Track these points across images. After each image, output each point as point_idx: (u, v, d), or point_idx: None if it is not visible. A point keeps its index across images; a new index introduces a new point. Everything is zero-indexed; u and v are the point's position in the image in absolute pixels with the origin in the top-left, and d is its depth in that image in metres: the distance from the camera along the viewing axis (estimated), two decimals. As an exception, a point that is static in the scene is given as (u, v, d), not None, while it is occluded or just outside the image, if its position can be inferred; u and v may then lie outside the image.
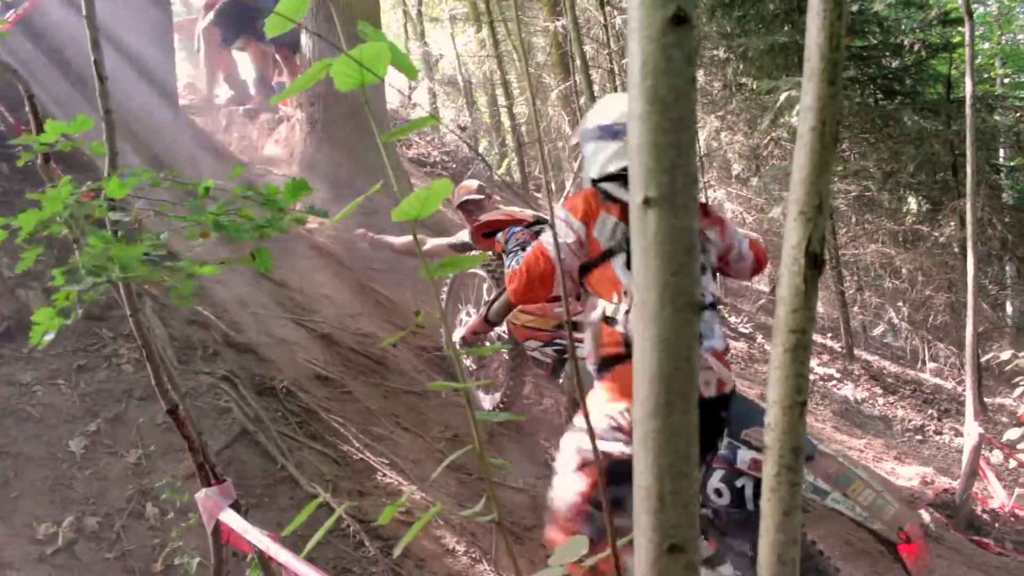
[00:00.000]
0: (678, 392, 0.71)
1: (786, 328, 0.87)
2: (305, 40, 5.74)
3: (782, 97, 7.20)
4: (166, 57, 4.93)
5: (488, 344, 3.42)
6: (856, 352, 8.19)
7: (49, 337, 1.35)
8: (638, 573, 0.76)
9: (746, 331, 7.66)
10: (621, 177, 2.86)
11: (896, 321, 9.40)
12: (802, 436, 0.89)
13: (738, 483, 2.88)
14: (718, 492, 2.92)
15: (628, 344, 2.61)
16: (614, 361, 2.73)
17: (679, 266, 0.70)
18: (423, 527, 2.97)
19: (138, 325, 1.74)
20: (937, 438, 6.50)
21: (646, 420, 0.72)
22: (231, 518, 2.00)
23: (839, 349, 8.10)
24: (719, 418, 2.76)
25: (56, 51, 4.32)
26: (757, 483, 2.90)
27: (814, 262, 0.86)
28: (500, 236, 3.24)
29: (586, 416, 1.12)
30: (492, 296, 3.29)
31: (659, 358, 0.71)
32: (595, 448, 1.12)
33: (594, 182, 2.91)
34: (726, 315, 7.92)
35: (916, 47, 8.26)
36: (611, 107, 2.99)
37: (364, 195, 1.39)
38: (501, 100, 11.00)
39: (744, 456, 2.88)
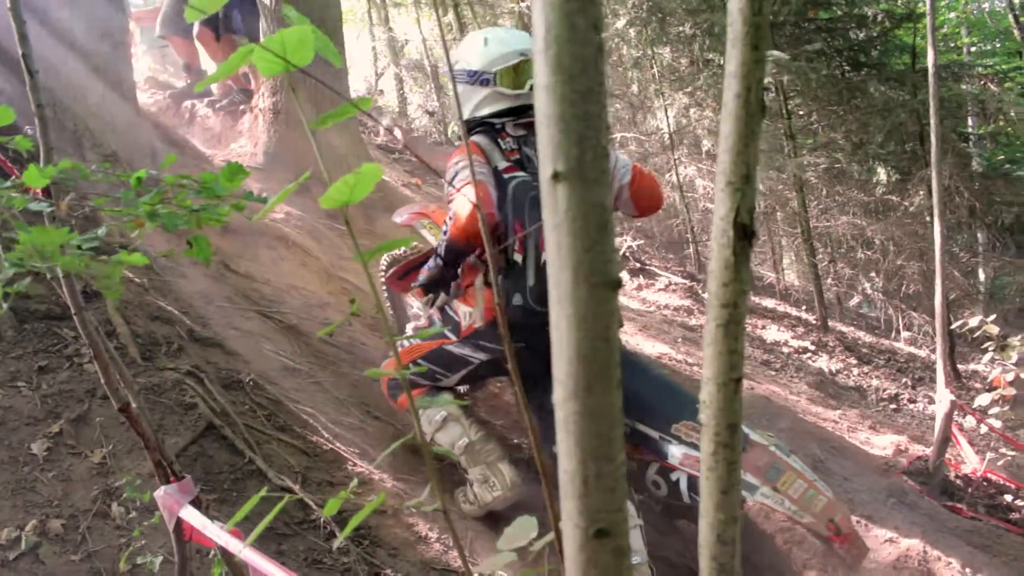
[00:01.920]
0: (597, 372, 0.69)
1: (718, 302, 0.85)
2: (263, 27, 5.65)
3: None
4: (121, 52, 4.84)
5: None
6: (830, 323, 8.23)
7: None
8: (566, 558, 0.75)
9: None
10: (488, 124, 3.00)
11: (869, 291, 9.45)
12: (738, 413, 0.88)
13: (673, 477, 2.95)
14: (656, 484, 3.01)
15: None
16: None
17: (592, 243, 0.67)
18: (395, 515, 2.95)
19: (83, 322, 1.71)
20: (911, 406, 6.55)
21: (566, 402, 0.70)
22: (191, 515, 1.97)
23: (813, 321, 8.14)
24: None
25: (3, 48, 4.25)
26: (691, 477, 2.94)
27: (743, 233, 0.84)
28: (421, 277, 3.24)
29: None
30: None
31: (576, 338, 0.68)
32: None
33: (468, 127, 3.06)
34: (699, 291, 7.93)
35: (880, 18, 8.26)
36: (476, 52, 3.10)
37: (295, 183, 1.35)
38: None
39: (676, 452, 2.92)
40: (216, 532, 1.89)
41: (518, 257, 2.92)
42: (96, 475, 2.79)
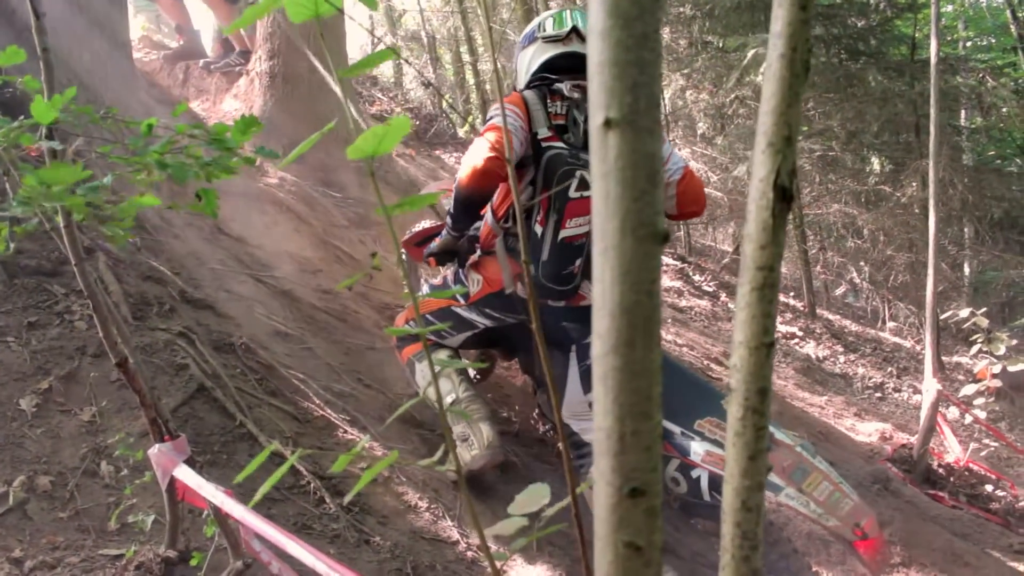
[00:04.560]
0: (640, 327, 0.67)
1: (753, 265, 0.84)
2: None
3: (749, 55, 7.16)
4: (119, 7, 4.76)
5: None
6: (818, 311, 8.26)
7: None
8: (597, 518, 0.73)
9: (710, 289, 7.69)
10: (543, 81, 2.98)
11: (857, 281, 9.48)
12: (768, 377, 0.86)
13: (693, 474, 2.93)
14: (675, 481, 2.99)
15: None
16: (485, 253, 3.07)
17: (641, 193, 0.65)
18: (385, 484, 2.94)
19: (83, 274, 1.68)
20: (896, 395, 6.59)
21: (606, 357, 0.68)
22: (185, 474, 1.95)
23: (801, 308, 8.16)
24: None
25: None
26: (712, 475, 2.92)
27: (783, 195, 0.83)
28: (432, 245, 3.21)
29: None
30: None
31: (620, 291, 0.67)
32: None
33: (528, 83, 3.05)
34: (690, 273, 7.94)
35: (882, 7, 8.24)
36: (534, 21, 3.16)
37: (318, 133, 1.33)
38: (466, 57, 10.86)
39: (698, 448, 2.91)
40: (211, 492, 1.88)
41: (538, 229, 2.89)
42: (85, 433, 2.76)
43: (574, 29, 2.99)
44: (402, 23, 10.79)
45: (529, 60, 3.08)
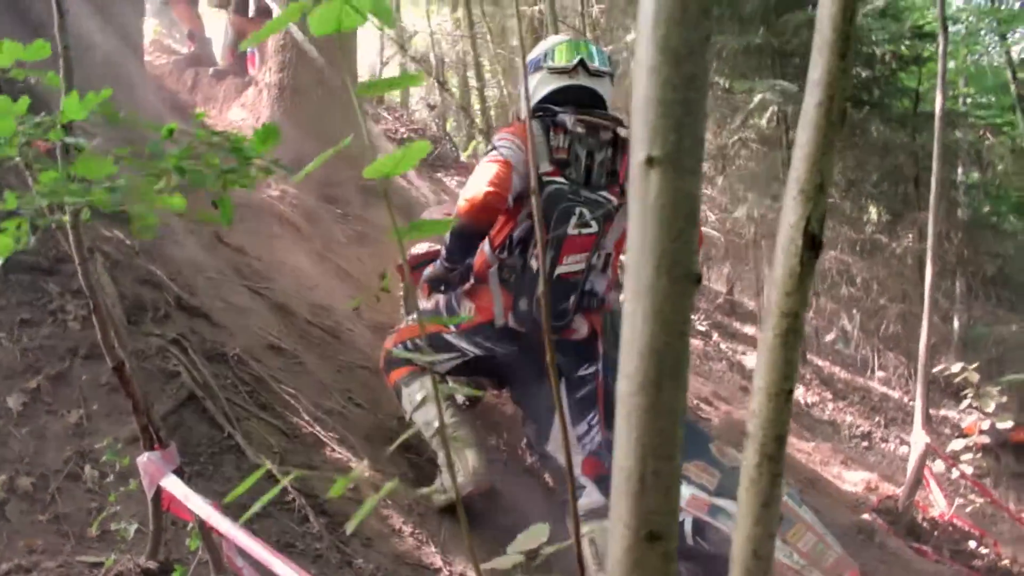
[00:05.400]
0: (668, 369, 0.67)
1: (779, 311, 0.83)
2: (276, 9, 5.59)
3: (756, 99, 7.21)
4: (134, 10, 4.77)
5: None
6: (808, 356, 8.27)
7: (-1, 261, 1.27)
8: (612, 560, 0.72)
9: (703, 328, 7.70)
10: (546, 112, 2.97)
11: (848, 328, 9.50)
12: (786, 425, 0.86)
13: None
14: None
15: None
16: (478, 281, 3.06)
17: (679, 233, 0.65)
18: (372, 506, 2.91)
19: (86, 275, 1.66)
20: (883, 445, 6.59)
21: (632, 396, 0.67)
22: (173, 484, 1.93)
23: (792, 352, 8.15)
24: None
25: None
26: (696, 520, 2.90)
27: (812, 243, 0.83)
28: (427, 272, 3.20)
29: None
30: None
31: (651, 331, 0.66)
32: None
33: (533, 112, 3.03)
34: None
35: (887, 58, 8.32)
36: (540, 45, 3.13)
37: (334, 148, 1.32)
38: (472, 82, 10.90)
39: (683, 492, 2.89)
40: (199, 504, 1.85)
41: (534, 264, 2.88)
42: (71, 435, 2.73)
43: (581, 62, 2.98)
44: (412, 44, 10.85)
45: (534, 88, 3.04)
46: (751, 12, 8.29)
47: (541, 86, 3.02)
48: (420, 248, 3.94)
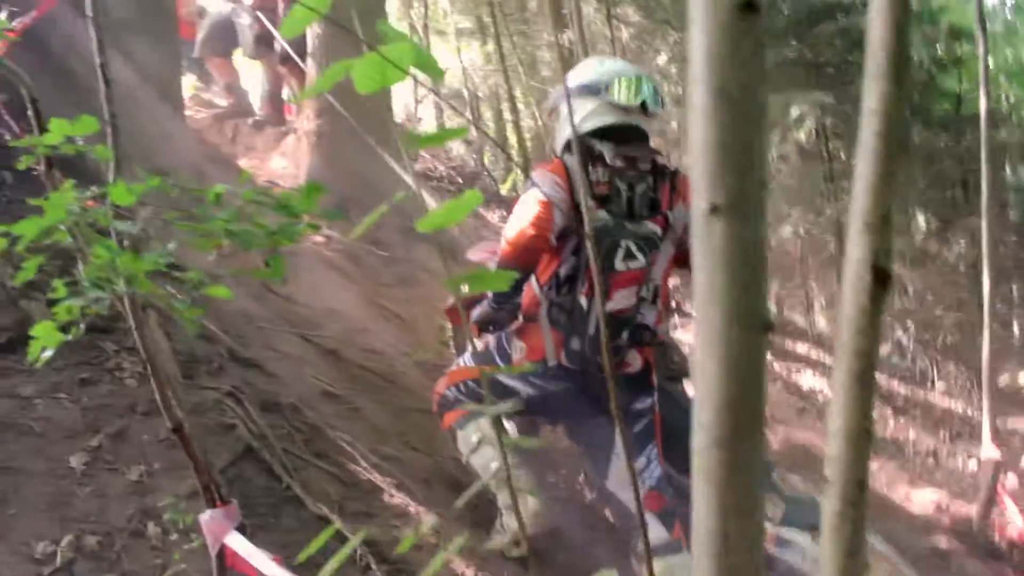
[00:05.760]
0: (746, 421, 0.64)
1: (851, 350, 0.80)
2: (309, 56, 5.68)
3: (794, 113, 7.15)
4: (173, 64, 4.87)
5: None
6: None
7: (47, 354, 1.28)
8: (696, 622, 0.69)
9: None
10: (593, 137, 2.91)
11: (904, 341, 9.30)
12: (867, 468, 0.82)
13: None
14: None
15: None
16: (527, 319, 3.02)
17: (748, 281, 0.63)
18: (430, 550, 2.89)
19: (143, 339, 1.68)
20: (950, 462, 6.41)
21: (709, 450, 0.65)
22: (236, 541, 1.93)
23: (848, 368, 7.98)
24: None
25: (60, 62, 4.27)
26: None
27: (881, 277, 0.80)
28: (474, 313, 3.17)
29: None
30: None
31: (725, 383, 0.64)
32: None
33: (567, 144, 2.97)
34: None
35: (926, 63, 8.21)
36: (591, 69, 3.04)
37: (387, 204, 1.32)
38: (507, 115, 10.96)
39: None
40: (264, 562, 1.84)
41: (584, 301, 2.85)
42: (133, 493, 2.75)
43: (643, 103, 2.91)
44: (444, 81, 10.96)
45: (585, 115, 2.94)
46: (783, 25, 8.25)
47: (594, 116, 2.93)
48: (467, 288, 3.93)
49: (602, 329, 2.56)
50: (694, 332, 0.66)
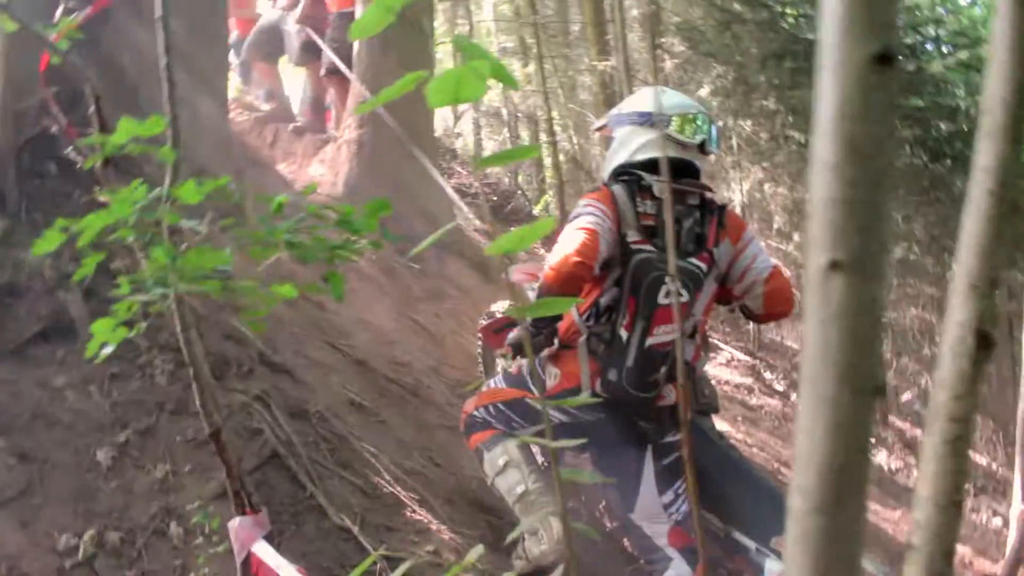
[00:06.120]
0: (851, 488, 0.62)
1: (946, 416, 0.77)
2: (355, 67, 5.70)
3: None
4: (221, 65, 4.90)
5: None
6: (889, 418, 8.00)
7: (107, 350, 1.27)
8: None
9: (780, 388, 7.51)
10: (634, 176, 2.87)
11: (930, 389, 9.17)
12: (956, 538, 0.79)
13: None
14: None
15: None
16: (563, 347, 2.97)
17: (864, 343, 0.60)
18: (449, 570, 2.86)
19: (188, 343, 1.67)
20: (974, 516, 6.29)
21: (810, 516, 0.62)
22: (264, 550, 1.91)
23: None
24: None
25: (112, 58, 4.30)
26: None
27: (984, 342, 0.77)
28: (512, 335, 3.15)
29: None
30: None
31: (832, 447, 0.61)
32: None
33: (618, 171, 2.93)
34: (760, 370, 7.76)
35: (971, 112, 8.13)
36: (651, 97, 3.01)
37: (437, 233, 1.29)
38: (544, 136, 10.97)
39: (773, 567, 2.77)
40: (291, 573, 1.82)
41: (624, 334, 2.81)
42: (157, 491, 2.74)
43: (703, 142, 2.89)
44: (485, 99, 11.00)
45: (641, 144, 2.93)
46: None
47: (649, 147, 2.91)
48: (500, 306, 3.91)
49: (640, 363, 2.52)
50: (800, 391, 0.63)
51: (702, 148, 2.90)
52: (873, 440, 7.10)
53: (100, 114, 1.64)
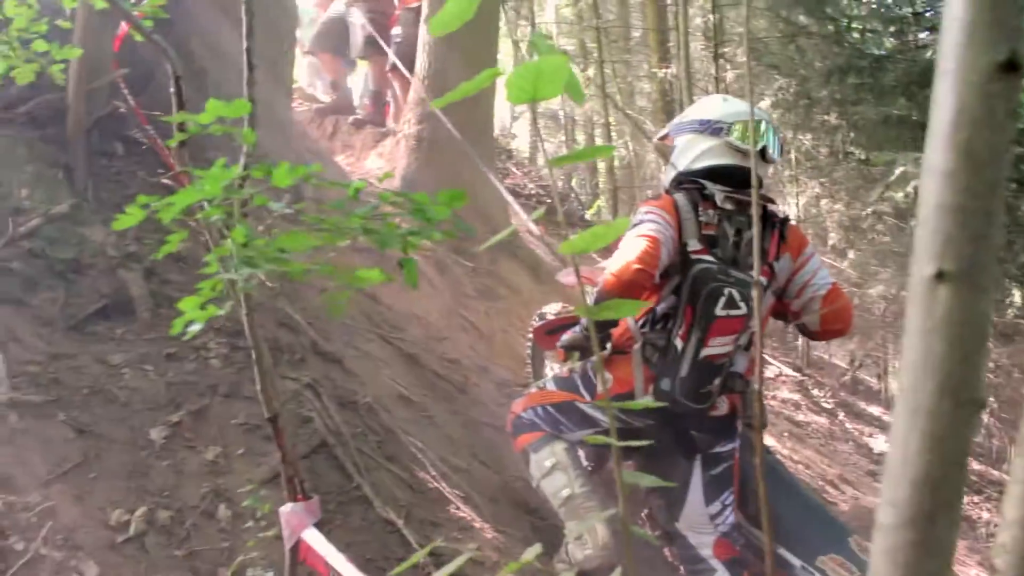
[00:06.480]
0: (945, 502, 0.60)
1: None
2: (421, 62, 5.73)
3: (897, 171, 6.97)
4: (288, 56, 4.97)
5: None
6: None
7: (195, 328, 1.30)
8: None
9: (828, 406, 7.40)
10: (697, 185, 2.85)
11: (984, 417, 8.98)
12: (1041, 564, 0.77)
13: None
14: None
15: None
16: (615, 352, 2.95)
17: (968, 355, 0.59)
18: (492, 569, 2.85)
19: (252, 327, 1.69)
20: (1022, 547, 6.13)
21: (900, 529, 0.61)
22: (313, 537, 1.92)
23: (922, 438, 7.74)
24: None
25: (180, 41, 4.37)
26: None
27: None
28: (565, 337, 3.14)
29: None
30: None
31: (929, 459, 0.59)
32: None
33: (678, 180, 2.90)
34: (808, 387, 7.66)
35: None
36: (714, 106, 2.99)
37: (508, 230, 1.30)
38: (599, 141, 10.95)
39: None
40: (340, 561, 1.84)
41: (679, 343, 2.78)
42: (208, 472, 2.78)
43: (763, 148, 2.86)
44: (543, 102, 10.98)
45: (702, 151, 2.91)
46: (892, 82, 8.06)
47: (710, 155, 2.90)
48: (552, 308, 3.90)
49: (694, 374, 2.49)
50: (897, 402, 0.62)
51: (764, 156, 2.86)
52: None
53: (180, 93, 1.66)
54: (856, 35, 8.73)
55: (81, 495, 2.57)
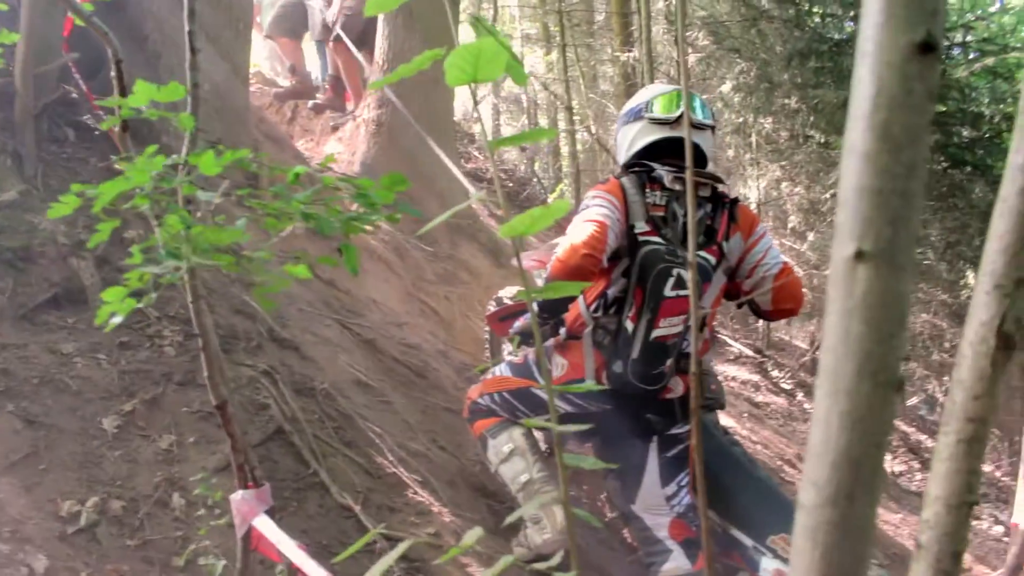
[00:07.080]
0: (864, 481, 0.60)
1: (963, 415, 0.76)
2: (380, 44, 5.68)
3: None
4: (243, 41, 4.90)
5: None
6: (895, 422, 7.97)
7: (116, 320, 1.27)
8: None
9: (787, 387, 7.48)
10: (642, 168, 2.88)
11: (938, 395, 9.14)
12: (965, 540, 0.78)
13: None
14: None
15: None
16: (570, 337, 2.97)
17: (887, 335, 0.59)
18: (454, 560, 2.84)
19: (198, 314, 1.66)
20: (974, 523, 6.27)
21: (820, 509, 0.61)
22: (265, 524, 1.91)
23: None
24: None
25: (135, 26, 4.29)
26: None
27: (1006, 343, 0.75)
28: (517, 324, 3.15)
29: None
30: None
31: (848, 439, 0.60)
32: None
33: (627, 165, 2.94)
34: (768, 368, 7.74)
35: (996, 119, 8.05)
36: (638, 95, 3.04)
37: (457, 208, 1.29)
38: (562, 124, 10.93)
39: (768, 565, 2.76)
40: (291, 548, 1.82)
41: (629, 325, 2.79)
42: (161, 461, 2.75)
43: (683, 114, 2.89)
44: (505, 85, 10.96)
45: (632, 138, 2.95)
46: (852, 66, 8.13)
47: (640, 137, 2.93)
48: (509, 292, 3.90)
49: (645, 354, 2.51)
50: (817, 381, 0.62)
51: (689, 121, 2.89)
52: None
53: (121, 77, 1.62)
54: (817, 19, 8.78)
55: (30, 486, 2.53)
